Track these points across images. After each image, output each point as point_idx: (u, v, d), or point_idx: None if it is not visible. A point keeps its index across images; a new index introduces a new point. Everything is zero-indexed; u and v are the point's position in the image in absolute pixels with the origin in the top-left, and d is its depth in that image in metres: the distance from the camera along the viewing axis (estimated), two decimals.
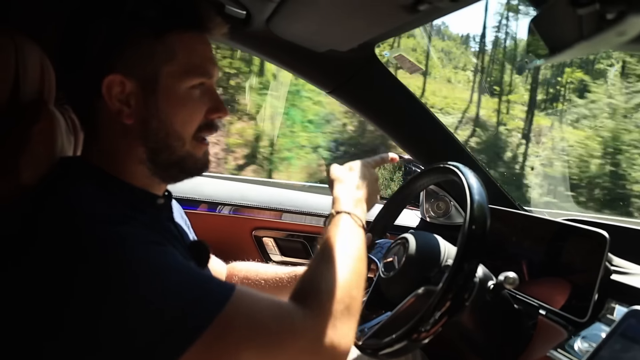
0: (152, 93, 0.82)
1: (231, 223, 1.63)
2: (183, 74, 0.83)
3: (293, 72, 1.42)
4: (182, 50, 0.82)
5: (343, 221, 0.93)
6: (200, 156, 0.89)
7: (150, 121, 0.83)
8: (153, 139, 0.84)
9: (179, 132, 0.85)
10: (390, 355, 0.98)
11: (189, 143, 0.87)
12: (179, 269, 0.72)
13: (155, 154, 0.85)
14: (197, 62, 0.84)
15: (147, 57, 0.81)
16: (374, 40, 1.27)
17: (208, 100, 0.87)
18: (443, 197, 1.68)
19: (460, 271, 0.89)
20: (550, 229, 1.24)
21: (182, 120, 0.84)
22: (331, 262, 0.84)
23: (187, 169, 0.89)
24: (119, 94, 0.81)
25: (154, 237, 0.75)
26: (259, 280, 1.30)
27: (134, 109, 0.82)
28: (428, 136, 1.53)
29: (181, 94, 0.83)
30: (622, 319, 0.85)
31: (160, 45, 0.81)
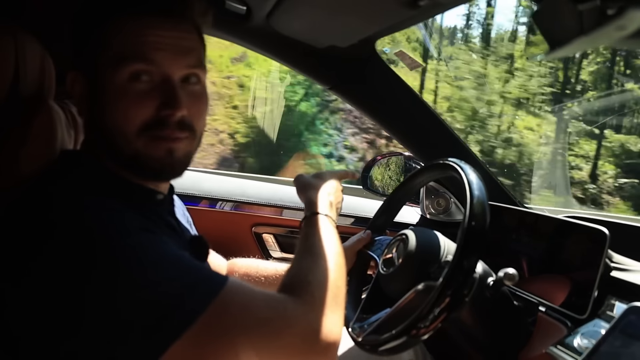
0: (93, 85, 0.78)
1: (231, 219, 1.64)
2: (118, 62, 0.75)
3: (293, 67, 1.41)
4: (114, 35, 0.75)
5: (322, 222, 0.99)
6: (158, 156, 0.80)
7: (94, 116, 0.80)
8: (100, 135, 0.80)
9: (120, 129, 0.77)
10: (390, 351, 0.98)
11: (137, 141, 0.78)
12: (173, 256, 0.71)
13: (110, 152, 0.81)
14: (132, 48, 0.75)
15: (87, 47, 0.78)
16: (375, 36, 1.26)
17: (159, 94, 0.77)
18: (443, 194, 1.68)
19: (460, 267, 0.89)
20: (551, 226, 1.24)
21: (122, 115, 0.77)
22: (316, 256, 0.88)
23: (143, 169, 0.82)
24: (80, 91, 0.81)
25: (150, 226, 0.74)
26: (259, 276, 1.30)
27: (83, 105, 0.82)
28: (428, 133, 1.52)
29: (118, 85, 0.75)
30: (622, 316, 0.84)
31: (95, 31, 0.76)
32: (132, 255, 0.67)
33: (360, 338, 1.03)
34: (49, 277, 0.65)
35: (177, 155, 0.81)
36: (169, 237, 0.80)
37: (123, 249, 0.67)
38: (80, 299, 0.64)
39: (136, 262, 0.67)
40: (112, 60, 0.75)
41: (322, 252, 0.89)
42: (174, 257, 0.71)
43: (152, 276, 0.66)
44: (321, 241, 0.92)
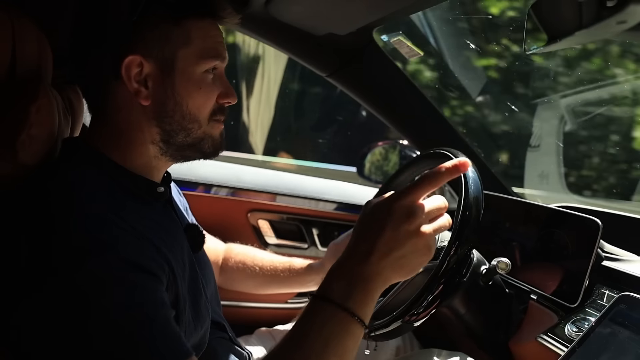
0: (169, 75, 0.83)
1: (227, 205, 1.64)
2: (199, 58, 0.85)
3: (291, 54, 1.41)
4: (198, 35, 0.85)
5: (332, 322, 0.71)
6: (217, 137, 0.91)
7: (166, 103, 0.84)
8: (169, 121, 0.85)
9: (195, 115, 0.86)
10: (384, 336, 1.00)
11: (206, 125, 0.88)
12: (137, 315, 0.70)
13: (170, 136, 0.86)
14: (211, 47, 0.86)
15: (166, 40, 0.82)
16: (373, 24, 1.26)
17: (220, 85, 0.89)
18: None
19: (453, 256, 0.91)
20: (544, 215, 1.26)
21: (198, 103, 0.86)
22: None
23: (204, 149, 0.91)
24: (137, 75, 0.82)
25: (143, 255, 0.75)
26: (254, 266, 1.31)
27: (152, 91, 0.83)
28: (424, 121, 1.53)
29: (196, 77, 0.85)
30: (612, 304, 0.86)
31: (177, 29, 0.83)
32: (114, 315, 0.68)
33: None
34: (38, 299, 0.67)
35: (223, 136, 0.93)
36: (170, 237, 0.85)
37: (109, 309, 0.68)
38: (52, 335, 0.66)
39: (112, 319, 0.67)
40: (194, 56, 0.84)
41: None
42: (144, 319, 0.70)
43: (105, 332, 0.67)
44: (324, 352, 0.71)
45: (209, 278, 1.06)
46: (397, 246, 0.72)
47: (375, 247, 0.72)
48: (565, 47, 0.66)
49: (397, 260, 0.73)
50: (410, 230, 0.72)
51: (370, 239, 0.73)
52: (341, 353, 0.71)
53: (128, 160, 0.86)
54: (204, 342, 0.96)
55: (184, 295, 0.84)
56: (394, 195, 0.75)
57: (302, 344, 0.71)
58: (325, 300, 0.72)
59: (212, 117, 0.89)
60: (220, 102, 0.90)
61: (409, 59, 1.38)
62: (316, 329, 0.71)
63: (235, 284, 1.36)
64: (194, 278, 0.92)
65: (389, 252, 0.72)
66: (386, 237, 0.72)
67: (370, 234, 0.74)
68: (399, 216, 0.72)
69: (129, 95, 0.83)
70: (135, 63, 0.81)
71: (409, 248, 0.72)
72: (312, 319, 0.72)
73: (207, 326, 0.96)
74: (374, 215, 0.75)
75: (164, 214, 0.92)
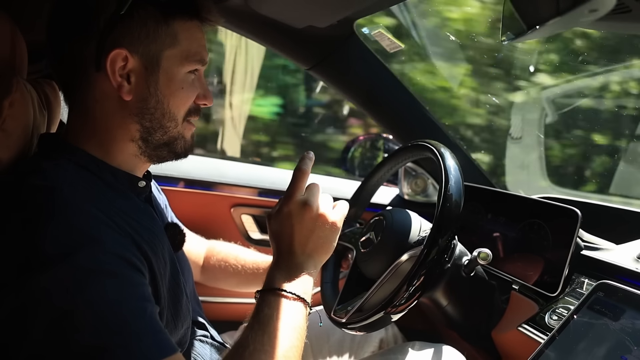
0: (153, 73, 0.84)
1: (210, 200, 1.62)
2: (183, 59, 0.86)
3: (271, 47, 1.40)
4: (184, 36, 0.85)
5: (283, 306, 0.82)
6: (188, 138, 0.92)
7: (148, 100, 0.84)
8: (149, 118, 0.85)
9: (173, 113, 0.87)
10: (367, 328, 1.00)
11: (181, 125, 0.89)
12: (126, 308, 0.69)
13: (148, 133, 0.86)
14: (195, 49, 0.87)
15: (153, 38, 0.82)
16: (354, 16, 1.26)
17: (199, 87, 0.90)
18: (421, 175, 1.69)
19: (434, 246, 0.91)
20: (525, 206, 1.27)
21: (178, 102, 0.87)
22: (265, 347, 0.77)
23: (176, 150, 0.91)
24: (121, 69, 0.81)
25: (128, 250, 0.74)
26: (237, 264, 1.30)
27: (134, 86, 0.83)
28: (406, 114, 1.53)
29: (180, 78, 0.86)
30: (590, 292, 0.87)
31: (165, 28, 0.83)
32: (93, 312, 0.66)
33: (344, 319, 1.04)
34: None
35: (194, 138, 0.94)
36: (150, 234, 0.84)
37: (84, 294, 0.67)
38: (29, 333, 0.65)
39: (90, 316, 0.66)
40: (179, 57, 0.85)
41: (273, 345, 0.77)
42: (127, 311, 0.69)
43: (90, 326, 0.66)
44: (275, 333, 0.78)
45: (188, 276, 1.06)
46: (309, 233, 0.88)
47: (294, 243, 0.87)
48: (539, 36, 0.66)
49: (316, 242, 0.89)
50: (313, 216, 0.88)
51: (286, 240, 0.88)
52: (295, 328, 0.81)
53: (108, 156, 0.85)
54: (185, 341, 0.96)
55: (164, 294, 0.83)
56: (283, 199, 0.90)
57: (264, 329, 0.79)
58: (271, 290, 0.84)
59: (187, 116, 0.90)
60: (198, 102, 0.91)
61: (390, 51, 1.38)
62: (271, 314, 0.80)
63: (217, 282, 1.35)
64: (175, 276, 0.91)
65: (306, 240, 0.88)
66: (298, 231, 0.88)
67: (285, 236, 0.88)
68: (297, 210, 0.88)
69: (110, 88, 0.82)
70: (120, 57, 0.80)
71: (319, 229, 0.89)
72: (266, 308, 0.82)
73: (187, 325, 0.96)
74: (278, 221, 0.89)
75: (144, 212, 0.91)
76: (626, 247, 1.10)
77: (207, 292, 1.52)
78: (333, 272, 1.25)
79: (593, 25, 0.60)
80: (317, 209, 0.89)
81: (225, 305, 1.62)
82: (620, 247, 1.11)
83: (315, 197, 0.90)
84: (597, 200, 1.45)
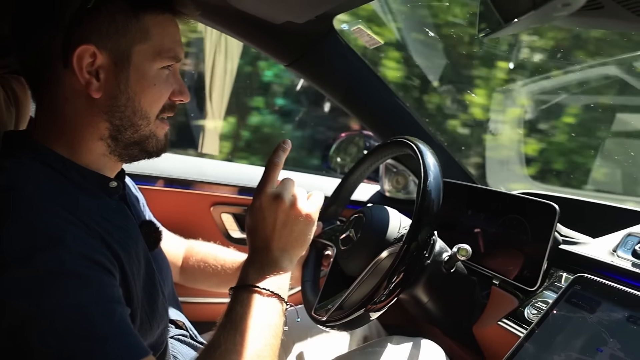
0: (123, 69, 0.81)
1: (189, 199, 1.60)
2: (156, 55, 0.83)
3: (249, 43, 1.39)
4: (156, 31, 0.82)
5: (256, 303, 0.80)
6: (161, 137, 0.89)
7: (118, 97, 0.81)
8: (119, 116, 0.82)
9: (145, 111, 0.84)
10: (348, 325, 1.00)
11: (153, 123, 0.86)
12: (92, 311, 0.67)
13: (118, 131, 0.83)
14: (168, 45, 0.84)
15: (122, 33, 0.79)
16: (332, 12, 1.25)
17: (173, 83, 0.87)
18: (402, 172, 1.69)
19: (414, 242, 0.91)
20: (504, 202, 1.27)
21: (150, 99, 0.84)
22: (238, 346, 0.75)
23: (148, 148, 0.88)
24: (89, 66, 0.78)
25: (95, 250, 0.72)
26: (216, 264, 1.29)
27: (103, 83, 0.80)
28: (386, 111, 1.53)
29: (152, 74, 0.83)
30: (568, 286, 0.88)
31: (135, 23, 0.80)
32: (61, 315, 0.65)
33: (325, 317, 1.03)
34: None
35: (168, 137, 0.91)
36: (125, 234, 0.82)
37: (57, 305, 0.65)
38: None
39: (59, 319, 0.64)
40: (151, 52, 0.82)
41: (247, 345, 0.76)
42: (95, 313, 0.67)
43: (58, 330, 0.64)
44: (248, 331, 0.76)
45: (166, 276, 1.04)
46: (283, 227, 0.86)
47: (267, 237, 0.86)
48: (515, 31, 0.66)
49: (290, 236, 0.87)
50: (285, 209, 0.86)
51: (259, 235, 0.86)
52: (270, 325, 0.79)
53: (76, 155, 0.82)
54: (161, 341, 0.94)
55: (138, 294, 0.81)
56: (254, 194, 0.88)
57: (236, 327, 0.77)
58: (244, 287, 0.82)
59: (161, 114, 0.87)
60: (173, 99, 0.88)
61: (370, 47, 1.38)
62: (243, 311, 0.79)
63: (197, 282, 1.34)
64: (151, 276, 0.89)
65: (280, 235, 0.86)
66: (270, 225, 0.86)
67: (258, 231, 0.87)
68: (268, 204, 0.86)
69: (78, 85, 0.79)
70: (88, 53, 0.77)
71: (293, 223, 0.87)
72: (239, 305, 0.80)
73: (164, 325, 0.94)
74: (252, 217, 0.88)
75: (117, 210, 0.89)
76: (602, 240, 1.11)
77: (188, 293, 1.50)
78: (313, 270, 1.24)
79: (567, 20, 0.60)
80: (290, 201, 0.87)
81: (206, 305, 1.60)
82: (596, 241, 1.12)
83: (288, 190, 0.88)
84: (575, 196, 1.47)
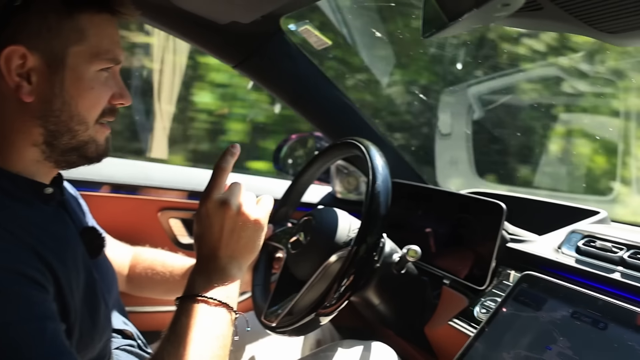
0: (57, 72, 0.77)
1: (135, 205, 1.54)
2: (93, 57, 0.79)
3: (195, 44, 1.35)
4: (93, 32, 0.79)
5: (201, 313, 0.76)
6: (102, 141, 0.85)
7: (53, 101, 0.77)
8: (54, 121, 0.78)
9: (83, 116, 0.80)
10: (298, 330, 0.98)
11: (92, 127, 0.82)
12: (19, 330, 0.64)
13: (54, 137, 0.79)
14: (107, 46, 0.81)
15: (55, 33, 0.75)
16: (279, 12, 1.23)
17: (113, 85, 0.84)
18: (353, 173, 1.69)
19: (363, 245, 0.90)
20: (454, 201, 1.29)
21: (88, 103, 0.80)
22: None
23: (87, 154, 0.84)
24: (19, 68, 0.74)
25: (24, 263, 0.68)
26: (164, 271, 1.24)
27: (35, 86, 0.76)
28: (336, 112, 1.52)
29: (89, 76, 0.80)
30: (515, 284, 0.89)
31: (70, 23, 0.77)
32: None
33: (274, 323, 1.01)
34: None
35: (109, 142, 0.87)
36: (62, 241, 0.79)
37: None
38: None
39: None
40: (87, 54, 0.78)
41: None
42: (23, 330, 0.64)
43: None
44: (193, 344, 0.73)
45: (111, 285, 0.99)
46: (230, 233, 0.82)
47: (214, 244, 0.82)
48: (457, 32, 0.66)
49: (239, 243, 0.83)
50: (232, 215, 0.82)
51: (206, 242, 0.82)
52: (217, 336, 0.76)
53: (6, 162, 0.78)
54: (105, 353, 0.90)
55: (76, 307, 0.77)
56: (201, 200, 0.84)
57: (180, 340, 0.73)
58: (190, 297, 0.77)
59: (101, 118, 0.83)
60: (113, 102, 0.84)
61: (318, 48, 1.36)
62: (189, 322, 0.74)
63: (145, 290, 1.29)
64: (91, 286, 0.85)
65: (227, 241, 0.82)
66: (218, 232, 0.82)
67: (204, 238, 0.83)
68: (215, 210, 0.82)
69: (7, 89, 0.75)
70: (17, 54, 0.73)
71: (241, 229, 0.83)
72: (184, 316, 0.75)
73: (107, 337, 0.90)
74: (199, 225, 0.83)
75: (54, 218, 0.84)
76: (548, 237, 1.14)
77: (136, 302, 1.45)
78: (264, 274, 1.22)
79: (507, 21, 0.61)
80: (238, 207, 0.83)
81: (155, 314, 1.55)
82: (542, 238, 1.14)
83: (235, 195, 0.84)
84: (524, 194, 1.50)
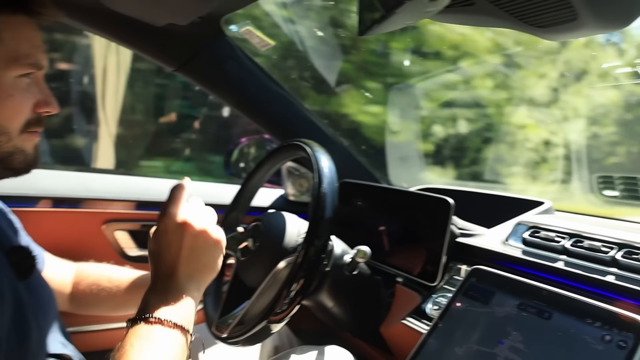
0: None
1: (77, 219, 1.47)
2: (10, 62, 0.75)
3: (131, 48, 1.30)
4: (9, 35, 0.74)
5: (155, 337, 0.69)
6: (30, 151, 0.81)
7: None
8: None
9: (4, 126, 0.77)
10: (250, 340, 0.95)
11: (17, 138, 0.78)
12: None
13: None
14: (26, 50, 0.76)
15: None
16: (218, 12, 1.19)
17: (37, 92, 0.80)
18: (305, 175, 1.67)
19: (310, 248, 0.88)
20: (404, 199, 1.28)
21: (8, 113, 0.76)
22: None
23: (13, 165, 0.80)
24: None
25: None
26: (110, 286, 1.17)
27: None
28: (284, 114, 1.50)
29: (7, 83, 0.76)
30: (465, 279, 0.89)
31: None
32: None
33: (226, 333, 0.98)
34: None
35: (39, 150, 0.84)
36: None
37: None
38: None
39: None
40: (5, 59, 0.75)
41: None
42: None
43: None
44: None
45: (47, 306, 0.93)
46: (190, 252, 0.77)
47: (172, 263, 0.76)
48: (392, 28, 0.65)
49: (197, 262, 0.77)
50: (193, 232, 0.77)
51: (166, 262, 0.76)
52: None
53: None
54: None
55: (1, 335, 0.72)
56: (159, 216, 0.79)
57: None
58: (143, 318, 0.70)
59: (26, 129, 0.79)
60: (38, 111, 0.80)
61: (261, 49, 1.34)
62: (140, 345, 0.68)
63: (90, 308, 1.22)
64: (21, 310, 0.79)
65: (188, 261, 0.76)
66: (178, 251, 0.76)
67: (162, 257, 0.77)
68: (174, 227, 0.76)
69: None
70: None
71: (201, 247, 0.78)
72: (136, 338, 0.69)
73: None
74: (156, 242, 0.78)
75: None
76: (496, 230, 1.15)
77: (80, 321, 1.38)
78: (215, 282, 1.17)
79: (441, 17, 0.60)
80: (198, 224, 0.78)
81: (101, 333, 1.47)
82: (490, 231, 1.15)
83: (196, 212, 0.79)
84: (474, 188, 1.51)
